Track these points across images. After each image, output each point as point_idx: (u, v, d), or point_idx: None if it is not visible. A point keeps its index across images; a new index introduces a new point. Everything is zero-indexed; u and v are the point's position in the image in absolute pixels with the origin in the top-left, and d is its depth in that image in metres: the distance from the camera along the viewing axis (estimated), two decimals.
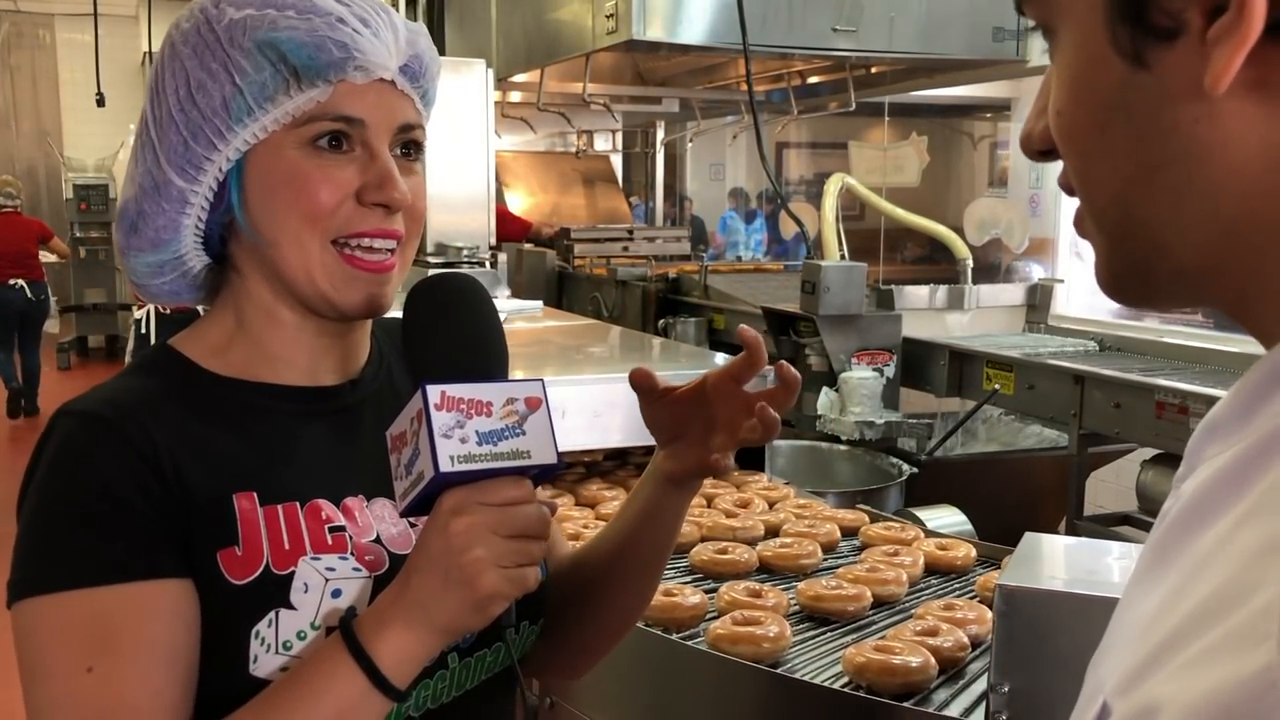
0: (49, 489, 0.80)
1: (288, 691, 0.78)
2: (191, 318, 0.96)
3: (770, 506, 2.09)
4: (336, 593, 0.83)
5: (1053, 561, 1.19)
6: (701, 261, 4.75)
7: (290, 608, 0.81)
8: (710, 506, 2.08)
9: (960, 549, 1.85)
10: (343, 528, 0.86)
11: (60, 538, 0.79)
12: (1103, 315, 5.01)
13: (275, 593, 0.81)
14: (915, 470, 2.82)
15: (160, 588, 0.79)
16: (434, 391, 0.76)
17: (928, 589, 1.76)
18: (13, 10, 10.71)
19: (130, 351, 6.19)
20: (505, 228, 5.85)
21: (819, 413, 3.08)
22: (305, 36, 0.81)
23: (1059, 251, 6.25)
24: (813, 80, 5.05)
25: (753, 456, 2.32)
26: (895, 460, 2.89)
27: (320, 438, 0.90)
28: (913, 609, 1.60)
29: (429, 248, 3.63)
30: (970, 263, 3.81)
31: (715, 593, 1.64)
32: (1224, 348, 3.21)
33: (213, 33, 0.83)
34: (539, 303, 3.56)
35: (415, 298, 0.83)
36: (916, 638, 1.43)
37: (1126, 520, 3.12)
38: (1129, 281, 0.49)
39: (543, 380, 0.80)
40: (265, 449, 0.87)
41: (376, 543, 0.87)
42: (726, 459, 0.94)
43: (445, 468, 0.74)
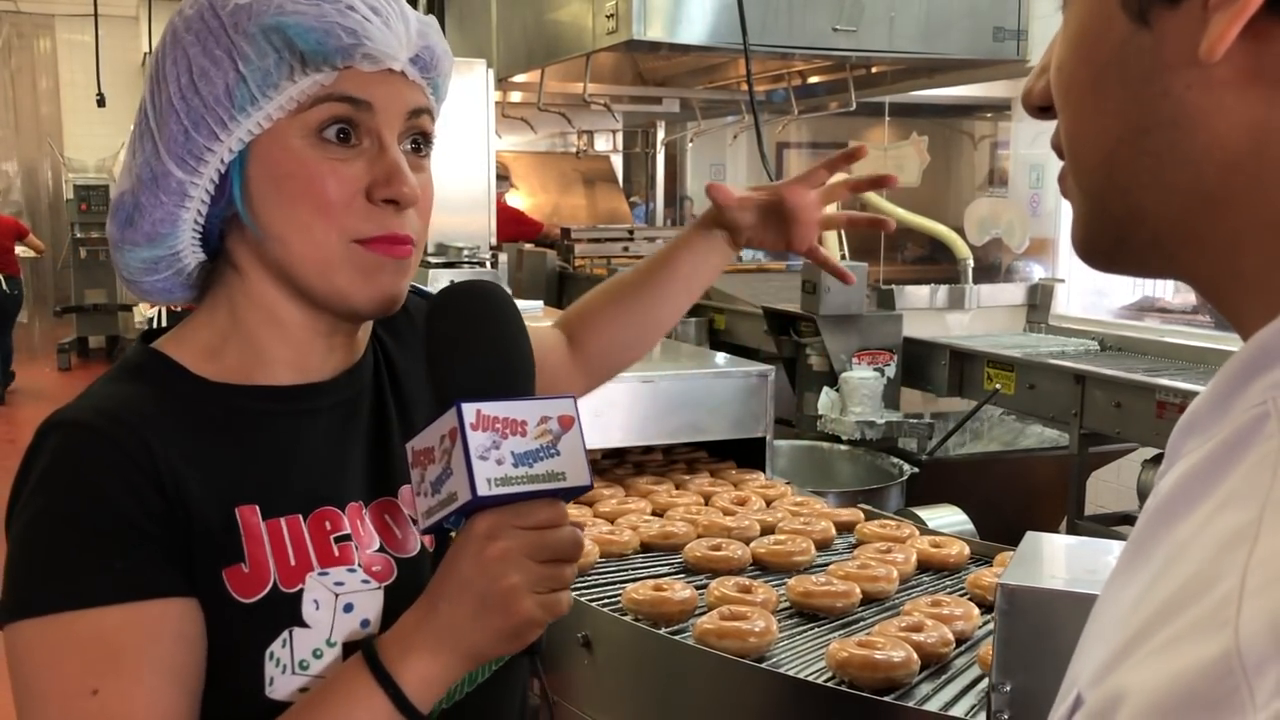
0: (41, 505, 0.76)
1: (308, 716, 0.76)
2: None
3: (768, 505, 2.09)
4: (349, 607, 0.81)
5: (1054, 561, 1.19)
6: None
7: (304, 625, 0.79)
8: (708, 504, 2.08)
9: (954, 546, 1.85)
10: (348, 536, 0.84)
11: (56, 556, 0.75)
12: (1104, 315, 5.01)
13: (286, 611, 0.79)
14: (916, 470, 2.81)
15: (163, 607, 0.75)
16: (469, 410, 0.72)
17: (919, 586, 1.77)
18: (13, 11, 10.71)
19: None
20: (518, 228, 5.87)
21: (820, 412, 3.08)
22: (313, 22, 0.78)
23: (1059, 251, 6.25)
24: (813, 80, 5.06)
25: (753, 456, 2.32)
26: (896, 460, 2.89)
27: (319, 437, 0.87)
28: (902, 605, 1.61)
29: (429, 248, 3.63)
30: (971, 262, 3.81)
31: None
32: (1225, 347, 3.21)
33: (217, 18, 0.79)
34: (539, 303, 3.56)
35: (442, 307, 0.79)
36: (901, 633, 1.45)
37: (1127, 520, 3.12)
38: (1104, 244, 0.50)
39: (574, 397, 0.77)
40: (264, 457, 0.84)
41: (381, 551, 0.85)
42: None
43: (482, 491, 0.71)
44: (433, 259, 3.66)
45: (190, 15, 0.81)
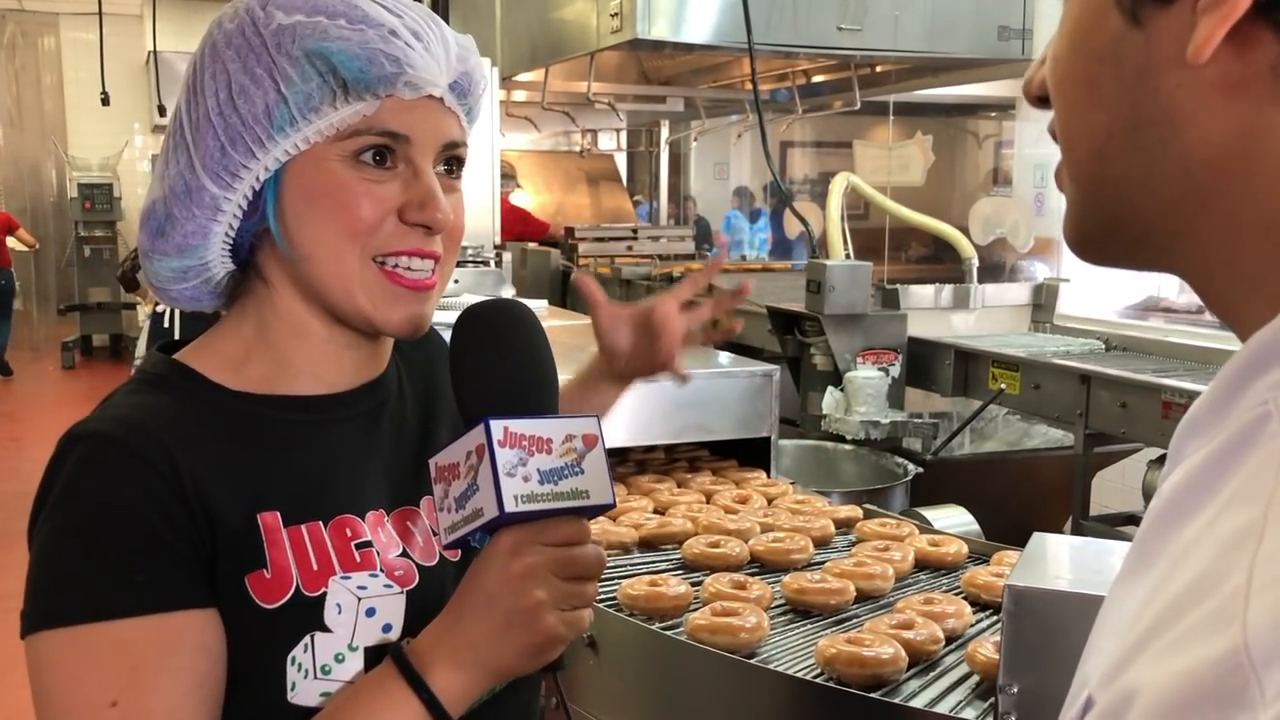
0: (63, 517, 0.77)
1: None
2: (214, 316, 0.94)
3: (769, 503, 2.09)
4: (371, 611, 0.81)
5: (1061, 562, 1.18)
6: (705, 261, 4.74)
7: (325, 630, 0.79)
8: (709, 503, 2.08)
9: (952, 545, 1.86)
10: (369, 543, 0.84)
11: (78, 568, 0.75)
12: (1108, 315, 4.99)
13: (308, 616, 0.79)
14: (920, 470, 2.81)
15: (184, 619, 0.76)
16: (497, 427, 0.73)
17: (916, 584, 1.77)
18: (17, 10, 10.71)
19: (142, 350, 6.14)
20: (523, 228, 5.89)
21: (824, 412, 3.07)
22: (357, 48, 0.78)
23: (1063, 251, 6.24)
24: (817, 79, 5.05)
25: (757, 456, 2.32)
26: (900, 460, 2.89)
27: (341, 447, 0.87)
28: (896, 603, 1.61)
29: None
30: (976, 262, 3.80)
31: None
32: (1231, 347, 3.18)
33: (259, 36, 0.79)
34: (544, 302, 3.56)
35: (466, 325, 0.79)
36: (891, 630, 1.46)
37: (1132, 520, 3.11)
38: (1096, 237, 0.50)
39: (597, 417, 0.78)
40: (285, 465, 0.84)
41: (404, 557, 0.85)
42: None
43: (510, 508, 0.72)
44: None
45: (231, 30, 0.81)
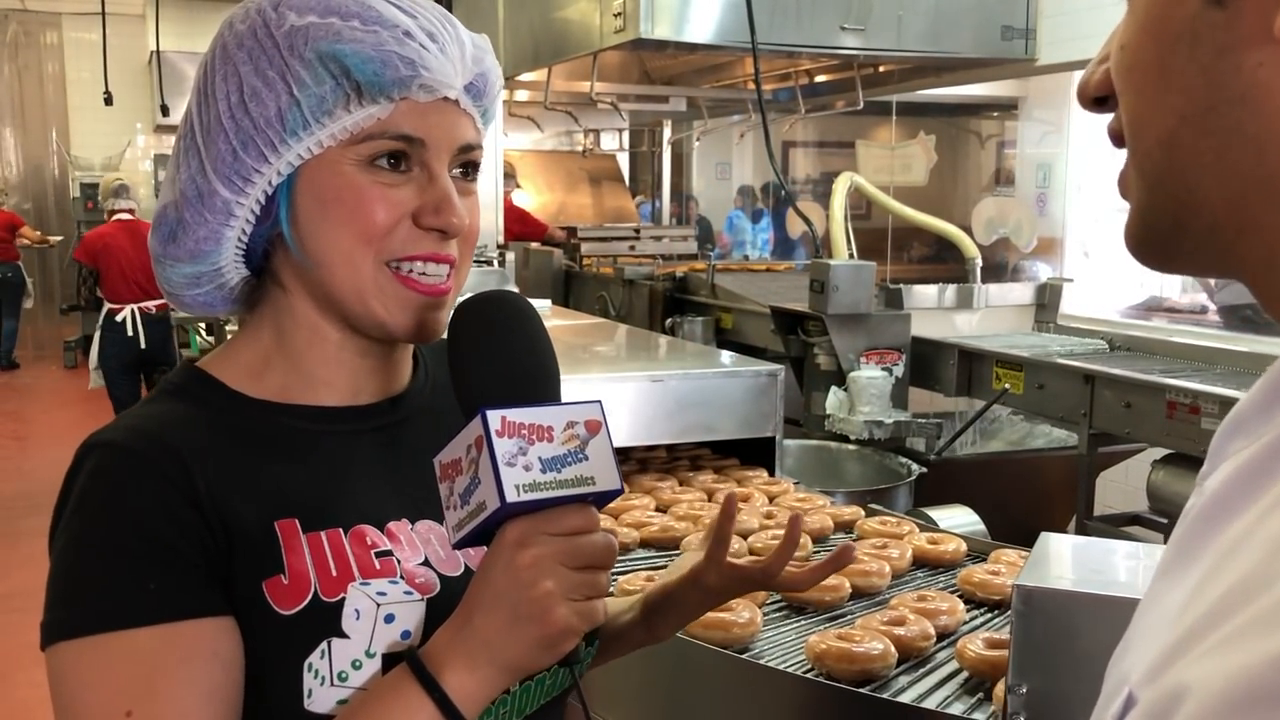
0: (79, 527, 0.76)
1: None
2: (165, 318, 0.91)
3: (770, 501, 2.10)
4: (390, 618, 0.79)
5: (1070, 562, 1.18)
6: (708, 260, 4.74)
7: (343, 636, 0.78)
8: (711, 501, 2.09)
9: (950, 543, 1.86)
10: (389, 552, 0.82)
11: (94, 578, 0.75)
12: (1111, 315, 4.99)
13: (326, 621, 0.77)
14: (924, 470, 2.81)
15: (199, 627, 0.75)
16: (494, 417, 0.70)
17: (913, 581, 1.77)
18: (20, 9, 10.72)
19: (97, 355, 5.83)
20: (522, 228, 5.88)
21: (828, 412, 3.07)
22: (371, 51, 0.76)
23: (1066, 251, 6.24)
24: (820, 79, 5.05)
25: (762, 456, 2.32)
26: (904, 460, 2.88)
27: (362, 459, 0.86)
28: (891, 600, 1.62)
29: None
30: (979, 262, 3.79)
31: None
32: (1235, 348, 3.19)
33: (271, 38, 0.78)
34: (548, 302, 3.56)
35: (462, 316, 0.78)
36: (882, 627, 1.46)
37: (1137, 520, 3.11)
38: (1159, 235, 0.49)
39: (600, 402, 0.75)
40: (306, 474, 0.83)
41: (425, 565, 0.84)
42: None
43: (511, 498, 0.70)
44: None
45: (242, 31, 0.79)
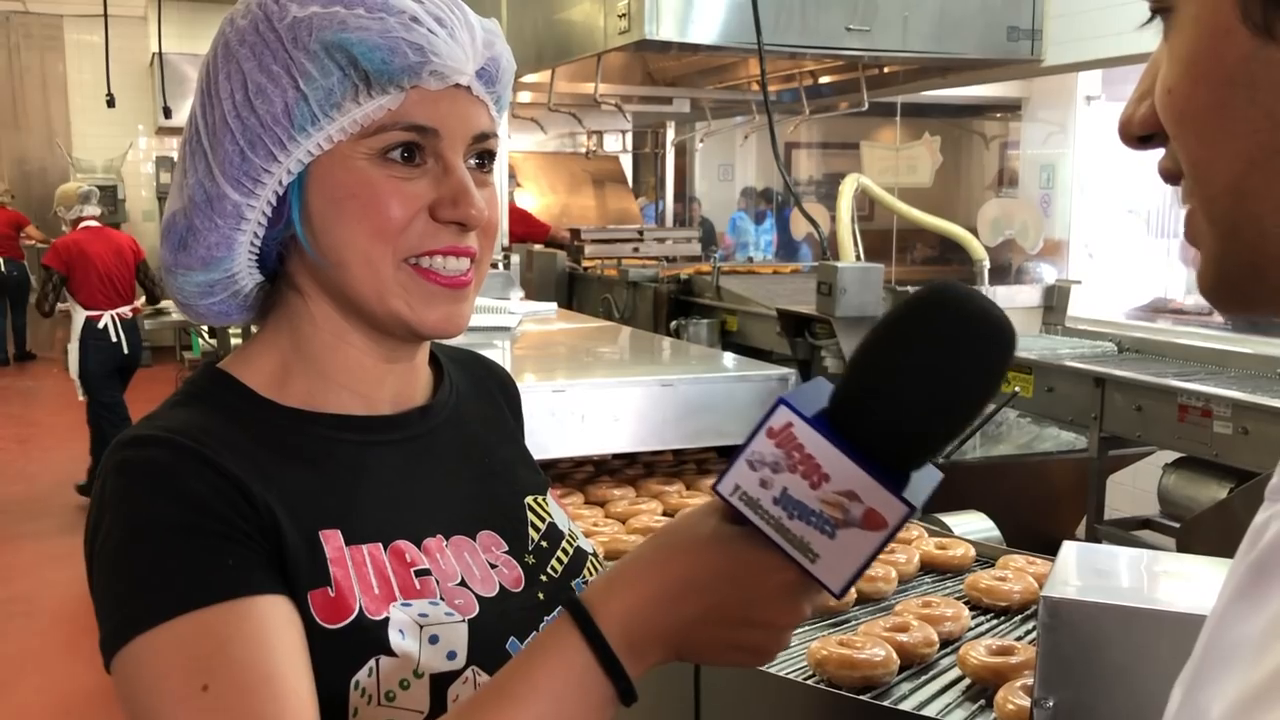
0: (133, 519, 0.71)
1: (513, 681, 0.66)
2: (137, 322, 0.87)
3: None
4: (434, 639, 0.76)
5: (1096, 572, 1.16)
6: (713, 262, 4.72)
7: (390, 654, 0.74)
8: None
9: (958, 548, 1.84)
10: (428, 571, 0.80)
11: (163, 562, 0.70)
12: (1118, 316, 4.98)
13: (372, 639, 0.74)
14: None
15: (272, 602, 0.71)
16: (782, 415, 0.60)
17: (920, 586, 1.75)
18: (21, 11, 10.71)
19: (79, 364, 5.62)
20: (525, 229, 5.86)
21: None
22: (378, 38, 0.73)
23: (1071, 253, 6.22)
24: (824, 80, 5.03)
25: None
26: None
27: (394, 471, 0.83)
28: (896, 606, 1.60)
29: None
30: (987, 264, 3.78)
31: None
32: (1244, 349, 3.17)
33: (273, 31, 0.74)
34: (553, 305, 3.54)
35: (944, 307, 0.61)
36: (885, 633, 1.44)
37: (1147, 524, 3.09)
38: (1237, 282, 0.46)
39: (915, 509, 0.60)
40: (342, 485, 0.80)
41: (463, 586, 0.81)
42: None
43: (724, 490, 0.62)
44: None
45: (244, 26, 0.76)
